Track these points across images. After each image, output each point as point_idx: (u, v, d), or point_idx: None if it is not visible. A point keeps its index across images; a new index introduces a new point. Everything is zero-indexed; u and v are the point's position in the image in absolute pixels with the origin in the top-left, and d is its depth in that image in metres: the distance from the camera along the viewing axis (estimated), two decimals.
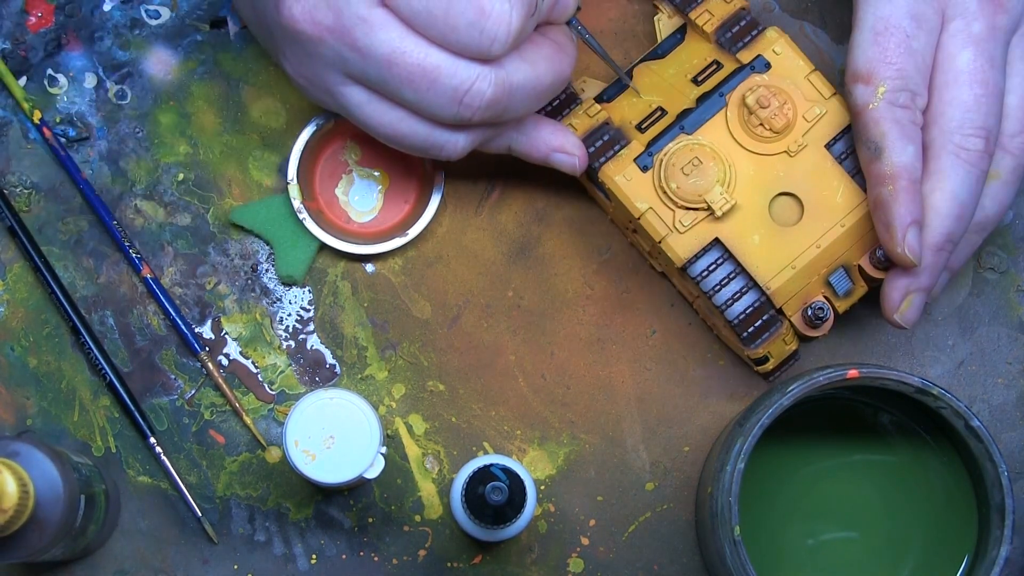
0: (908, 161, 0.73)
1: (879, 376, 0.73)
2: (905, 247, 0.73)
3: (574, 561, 0.82)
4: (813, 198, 0.76)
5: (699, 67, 0.79)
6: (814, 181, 0.76)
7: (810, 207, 0.76)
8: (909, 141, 0.73)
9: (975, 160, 0.73)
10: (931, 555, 0.79)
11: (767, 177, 0.77)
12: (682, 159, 0.76)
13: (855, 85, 0.74)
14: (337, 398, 0.74)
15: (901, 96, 0.73)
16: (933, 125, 0.74)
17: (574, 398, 0.83)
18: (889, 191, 0.73)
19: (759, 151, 0.77)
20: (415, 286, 0.83)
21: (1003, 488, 0.73)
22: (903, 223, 0.73)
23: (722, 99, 0.77)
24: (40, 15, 0.84)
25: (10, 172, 0.83)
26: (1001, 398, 0.83)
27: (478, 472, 0.73)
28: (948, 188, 0.73)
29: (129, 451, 0.82)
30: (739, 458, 0.72)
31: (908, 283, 0.75)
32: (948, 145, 0.73)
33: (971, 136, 0.73)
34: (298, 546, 0.82)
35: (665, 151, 0.76)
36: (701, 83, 0.78)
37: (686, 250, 0.76)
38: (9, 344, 0.83)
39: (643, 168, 0.76)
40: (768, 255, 0.76)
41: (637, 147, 0.77)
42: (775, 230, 0.76)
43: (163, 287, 0.82)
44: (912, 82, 0.73)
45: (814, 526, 0.79)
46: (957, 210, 0.73)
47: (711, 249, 0.76)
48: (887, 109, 0.73)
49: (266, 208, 0.83)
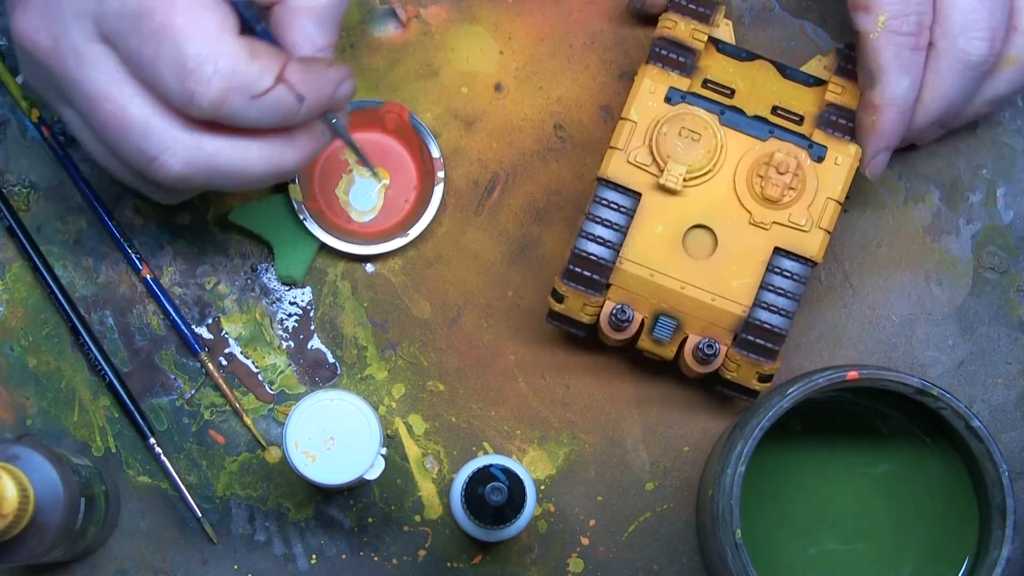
0: (901, 93, 0.73)
1: (879, 377, 0.73)
2: (868, 169, 0.76)
3: (574, 561, 0.82)
4: (726, 253, 0.75)
5: (789, 105, 0.77)
6: (737, 245, 0.75)
7: (721, 254, 0.75)
8: (905, 72, 0.73)
9: (976, 64, 0.73)
10: (932, 555, 0.79)
11: (706, 208, 0.75)
12: (692, 124, 0.75)
13: (856, 12, 0.73)
14: (337, 399, 0.74)
15: (902, 23, 0.72)
16: (936, 26, 0.73)
17: (574, 398, 0.83)
18: (872, 121, 0.74)
19: (741, 198, 0.75)
20: (415, 286, 0.83)
21: (1004, 488, 0.73)
22: (873, 149, 0.75)
23: (766, 132, 0.75)
24: None
25: (9, 171, 0.83)
26: (1001, 398, 0.83)
27: (478, 472, 0.73)
28: (941, 90, 0.74)
29: (129, 451, 0.82)
30: (740, 461, 0.72)
31: (880, 145, 0.75)
32: (951, 49, 0.73)
33: (975, 39, 0.73)
34: (298, 546, 0.82)
35: (690, 109, 0.75)
36: (775, 113, 0.76)
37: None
38: (8, 344, 0.82)
39: (667, 99, 0.75)
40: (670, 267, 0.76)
41: (685, 82, 0.76)
42: (681, 256, 0.75)
43: (163, 287, 0.82)
44: (915, 8, 0.72)
45: (814, 527, 0.79)
46: (945, 108, 0.75)
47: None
48: (887, 38, 0.72)
49: (266, 208, 0.83)
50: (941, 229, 0.84)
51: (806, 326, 0.83)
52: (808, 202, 0.75)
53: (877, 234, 0.84)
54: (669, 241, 0.75)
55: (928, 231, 0.84)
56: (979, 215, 0.84)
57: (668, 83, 0.76)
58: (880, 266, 0.84)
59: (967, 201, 0.84)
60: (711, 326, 0.76)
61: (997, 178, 0.84)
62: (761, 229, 0.75)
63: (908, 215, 0.84)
